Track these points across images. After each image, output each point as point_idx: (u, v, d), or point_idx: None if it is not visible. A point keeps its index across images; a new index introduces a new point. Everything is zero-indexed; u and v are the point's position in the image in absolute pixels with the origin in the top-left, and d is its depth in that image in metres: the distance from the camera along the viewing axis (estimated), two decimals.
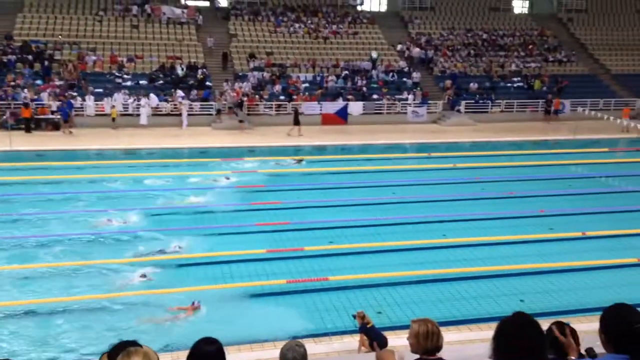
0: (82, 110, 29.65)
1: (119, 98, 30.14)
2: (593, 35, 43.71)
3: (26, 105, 27.76)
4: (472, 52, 39.89)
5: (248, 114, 31.00)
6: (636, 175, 22.66)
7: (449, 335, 9.44)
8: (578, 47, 42.56)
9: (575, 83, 37.19)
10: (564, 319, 4.86)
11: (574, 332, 4.28)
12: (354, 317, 9.80)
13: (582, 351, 4.23)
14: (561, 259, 13.80)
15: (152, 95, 30.63)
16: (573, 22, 45.14)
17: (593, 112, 32.06)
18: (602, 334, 3.42)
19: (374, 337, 9.40)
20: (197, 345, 3.95)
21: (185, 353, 3.94)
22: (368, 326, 9.54)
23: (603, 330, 3.41)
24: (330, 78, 34.84)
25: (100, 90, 30.92)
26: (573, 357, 3.91)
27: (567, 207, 18.05)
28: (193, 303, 11.22)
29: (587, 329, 4.14)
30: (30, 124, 27.59)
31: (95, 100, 29.96)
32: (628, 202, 19.04)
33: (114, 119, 28.82)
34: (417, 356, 4.44)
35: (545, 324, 3.97)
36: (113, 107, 29.27)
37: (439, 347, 4.43)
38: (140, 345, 3.76)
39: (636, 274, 13.38)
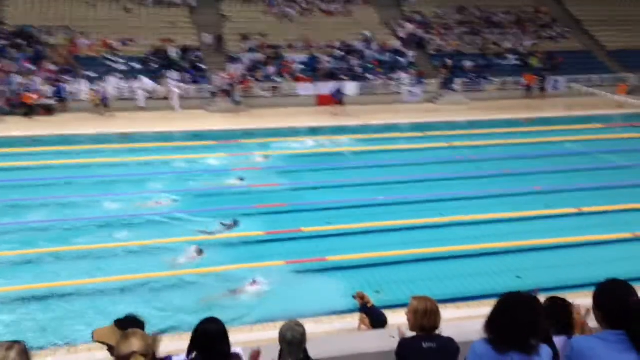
0: (76, 95, 29.43)
1: (112, 82, 29.93)
2: (588, 11, 43.42)
3: (27, 90, 27.65)
4: (466, 30, 39.65)
5: (243, 97, 30.85)
6: (631, 150, 22.76)
7: (447, 312, 9.56)
8: (573, 23, 42.33)
9: (570, 60, 37.05)
10: (560, 294, 4.92)
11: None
12: (354, 297, 9.90)
13: None
14: (557, 235, 13.92)
15: (142, 78, 30.40)
16: None
17: (588, 89, 32.02)
18: (597, 311, 3.42)
19: (374, 317, 9.51)
20: (200, 324, 4.00)
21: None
22: (368, 306, 9.64)
23: (597, 307, 3.41)
24: (325, 59, 34.62)
25: (94, 74, 30.68)
26: (578, 333, 3.98)
27: (563, 183, 18.16)
28: (253, 280, 11.44)
29: (583, 304, 4.20)
30: (29, 110, 27.48)
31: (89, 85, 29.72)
32: (623, 177, 19.14)
33: (96, 105, 28.45)
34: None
35: (541, 299, 4.05)
36: (92, 90, 28.92)
37: (436, 326, 4.50)
38: (142, 321, 3.83)
39: (632, 248, 13.52)
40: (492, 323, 3.43)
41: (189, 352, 4.02)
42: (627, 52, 39.04)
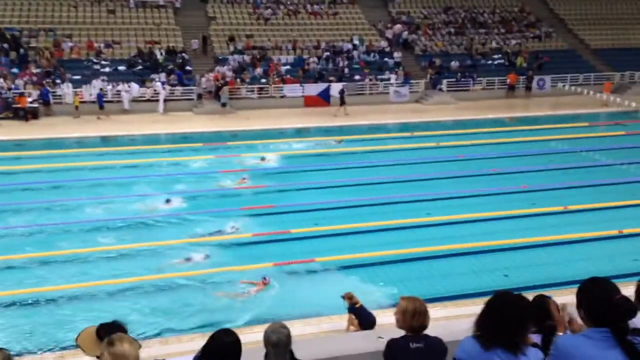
0: (61, 98, 29.16)
1: (97, 85, 29.69)
2: (572, 10, 43.81)
3: (22, 94, 27.60)
4: (452, 30, 39.84)
5: (230, 98, 30.74)
6: (616, 148, 22.96)
7: (435, 311, 9.56)
8: (557, 22, 42.66)
9: (555, 59, 37.33)
10: (547, 292, 4.95)
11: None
12: (343, 298, 9.90)
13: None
14: (544, 233, 14.01)
15: (132, 84, 30.14)
16: None
17: (573, 88, 32.28)
18: (581, 309, 3.43)
19: (363, 317, 9.52)
20: (215, 335, 3.93)
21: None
22: (356, 306, 9.64)
23: (581, 305, 3.41)
24: (311, 60, 34.63)
25: (78, 77, 30.43)
26: (561, 333, 3.98)
27: (549, 182, 18.28)
28: (264, 278, 11.66)
29: (570, 301, 4.20)
30: (21, 114, 27.26)
31: (74, 88, 29.46)
32: (608, 175, 19.32)
33: (77, 107, 28.27)
34: (403, 332, 4.50)
35: (528, 297, 4.05)
36: (76, 94, 28.68)
37: (424, 326, 4.48)
38: (125, 328, 3.76)
39: (617, 245, 13.64)
40: (481, 320, 3.46)
41: (198, 357, 3.95)
42: (611, 51, 39.43)
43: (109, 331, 3.77)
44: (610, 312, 3.24)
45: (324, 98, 31.89)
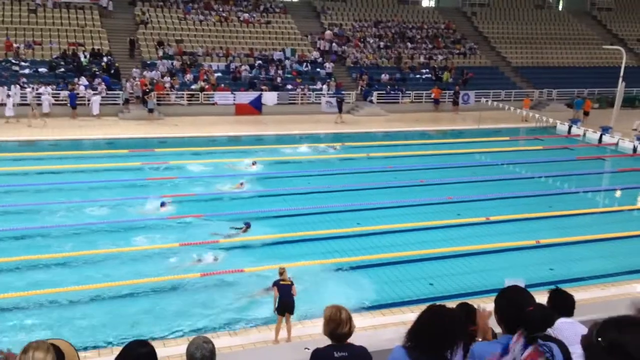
0: None
1: (15, 87, 28.20)
2: (495, 28, 45.89)
3: None
4: (382, 43, 40.74)
5: (158, 104, 30.01)
6: (534, 162, 24.10)
7: (362, 320, 9.67)
8: (481, 40, 44.54)
9: (479, 75, 38.91)
10: (469, 300, 5.07)
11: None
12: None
13: None
14: (467, 243, 14.48)
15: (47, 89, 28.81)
16: (477, 16, 47.18)
17: (495, 103, 33.70)
18: (496, 315, 3.62)
19: (281, 294, 9.62)
20: (129, 346, 3.79)
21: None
22: (280, 282, 9.77)
23: (496, 312, 3.62)
24: (243, 68, 34.41)
25: None
26: (479, 339, 4.09)
27: (473, 193, 18.93)
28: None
29: (491, 308, 4.33)
30: None
31: None
32: (527, 188, 20.21)
33: None
34: (328, 342, 4.49)
35: (452, 305, 4.13)
36: None
37: (350, 333, 4.49)
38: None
39: (534, 255, 14.27)
40: (411, 331, 3.50)
41: None
42: (530, 69, 41.59)
43: None
44: (519, 322, 3.39)
45: (256, 107, 31.76)
